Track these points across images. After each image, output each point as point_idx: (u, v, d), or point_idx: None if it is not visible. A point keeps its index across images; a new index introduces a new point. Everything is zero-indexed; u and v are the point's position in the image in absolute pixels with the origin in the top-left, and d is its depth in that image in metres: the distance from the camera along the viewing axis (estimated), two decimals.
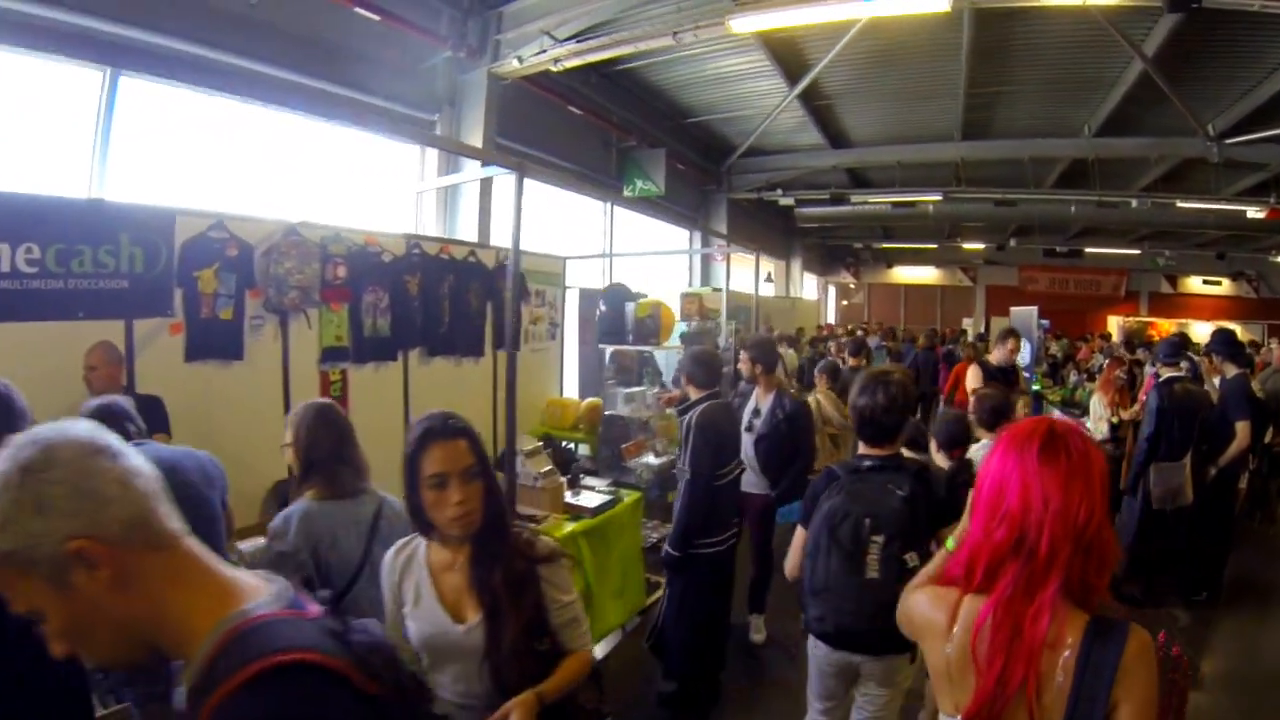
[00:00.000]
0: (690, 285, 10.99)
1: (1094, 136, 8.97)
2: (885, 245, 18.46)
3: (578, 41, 5.56)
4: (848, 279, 20.47)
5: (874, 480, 2.15)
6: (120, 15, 4.00)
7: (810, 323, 13.71)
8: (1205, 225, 11.63)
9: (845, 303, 20.73)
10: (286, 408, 3.34)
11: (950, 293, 19.83)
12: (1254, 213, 9.64)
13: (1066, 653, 1.10)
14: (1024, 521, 1.14)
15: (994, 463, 1.22)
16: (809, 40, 7.13)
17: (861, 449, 2.25)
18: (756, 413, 3.86)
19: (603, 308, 4.96)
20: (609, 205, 8.91)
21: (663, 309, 4.56)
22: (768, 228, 14.02)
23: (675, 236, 11.11)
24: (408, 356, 4.20)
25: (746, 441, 3.73)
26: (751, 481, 3.73)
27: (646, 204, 8.93)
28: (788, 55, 7.51)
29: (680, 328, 6.60)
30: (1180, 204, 10.09)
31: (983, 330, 15.19)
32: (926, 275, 20.03)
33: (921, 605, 1.30)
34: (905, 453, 3.05)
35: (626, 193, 8.72)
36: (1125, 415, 5.10)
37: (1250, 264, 16.52)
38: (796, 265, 16.42)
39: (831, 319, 19.09)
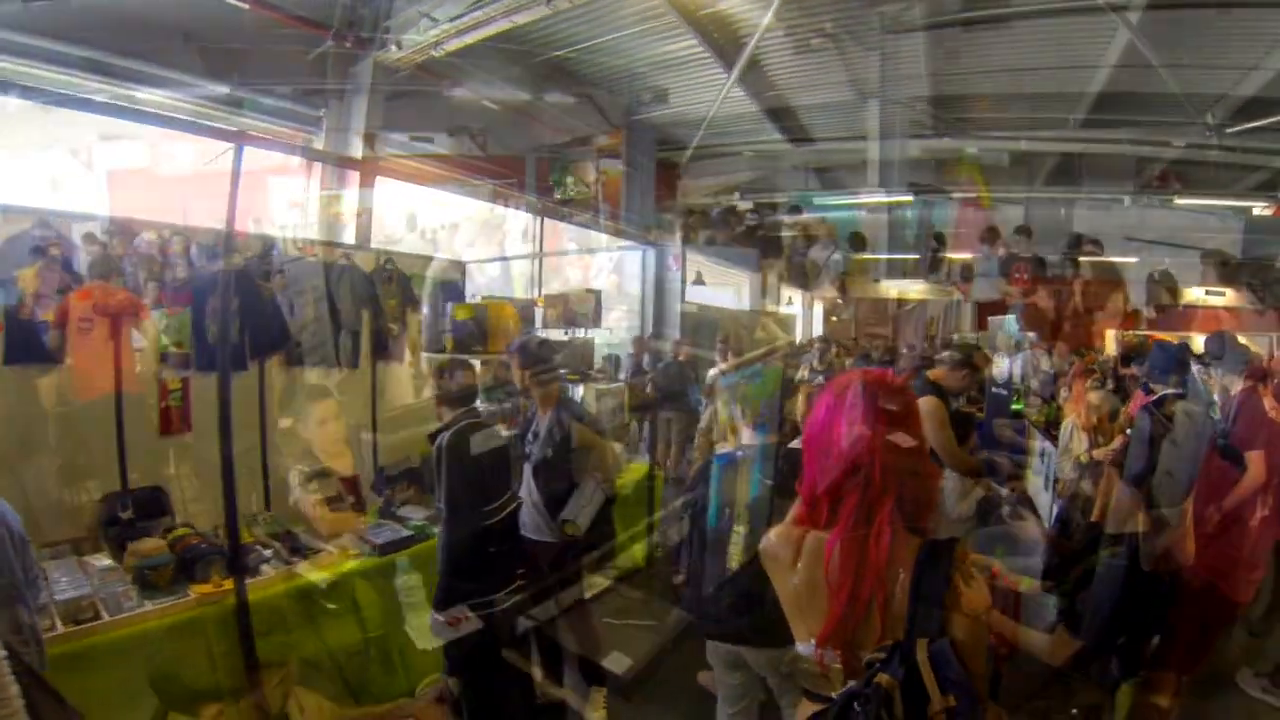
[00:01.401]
0: (644, 295, 10.18)
1: (1079, 129, 8.16)
2: (869, 256, 17.61)
3: (451, 21, 4.92)
4: (833, 292, 19.60)
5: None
6: None
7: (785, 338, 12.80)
8: (1207, 228, 10.79)
9: (834, 318, 19.84)
10: (118, 415, 3.25)
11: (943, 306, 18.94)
12: (1260, 209, 8.78)
13: (903, 575, 1.25)
14: (855, 453, 1.31)
15: (820, 414, 1.38)
16: (741, 21, 6.36)
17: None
18: (535, 435, 3.01)
19: (424, 310, 4.14)
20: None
21: (491, 312, 3.66)
22: (739, 236, 13.17)
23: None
24: (263, 365, 3.80)
25: (526, 473, 2.96)
26: (538, 526, 2.89)
27: (585, 209, 8.12)
28: (723, 40, 6.75)
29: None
30: (1178, 201, 9.24)
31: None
32: (917, 288, 19.15)
33: (770, 543, 1.43)
34: None
35: (558, 194, 7.92)
36: (1098, 453, 3.82)
37: (1256, 271, 15.61)
38: (773, 275, 15.54)
39: (818, 334, 18.23)
